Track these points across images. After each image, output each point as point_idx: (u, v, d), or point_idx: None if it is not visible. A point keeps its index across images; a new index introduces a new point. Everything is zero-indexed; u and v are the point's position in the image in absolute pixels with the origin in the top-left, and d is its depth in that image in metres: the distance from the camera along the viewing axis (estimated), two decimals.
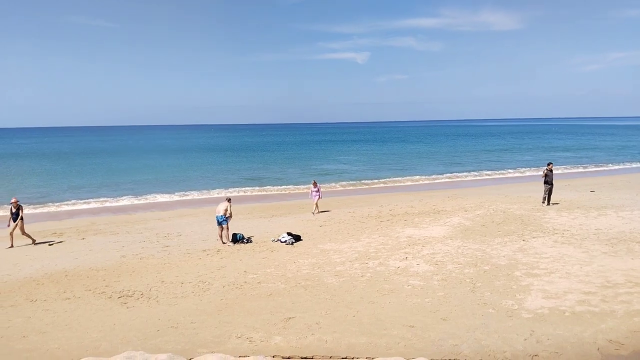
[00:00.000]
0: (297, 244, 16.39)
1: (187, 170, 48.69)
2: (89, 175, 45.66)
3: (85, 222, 22.20)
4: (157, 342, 8.92)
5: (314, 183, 23.47)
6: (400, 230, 17.65)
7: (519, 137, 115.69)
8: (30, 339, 9.35)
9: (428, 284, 11.59)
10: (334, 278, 12.32)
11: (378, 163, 54.16)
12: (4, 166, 57.62)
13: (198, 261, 14.71)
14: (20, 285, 12.74)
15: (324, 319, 9.69)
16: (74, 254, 16.06)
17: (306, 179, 40.30)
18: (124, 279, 12.97)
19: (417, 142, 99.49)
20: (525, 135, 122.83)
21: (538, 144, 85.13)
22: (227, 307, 10.68)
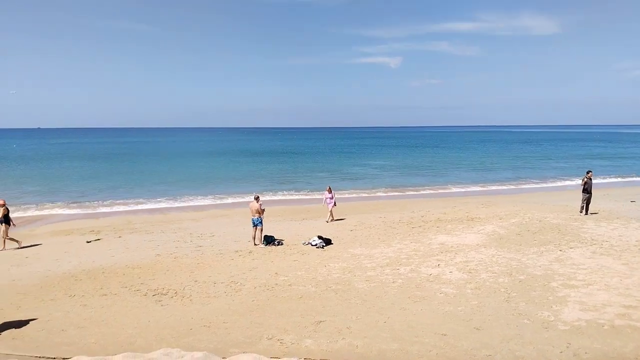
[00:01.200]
0: (327, 247, 16.40)
1: (218, 172, 49.41)
2: (125, 175, 46.88)
3: (121, 221, 22.80)
4: (190, 340, 9.08)
5: (329, 189, 22.40)
6: (433, 237, 17.44)
7: (556, 144, 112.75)
8: (69, 332, 9.66)
9: (461, 292, 11.41)
10: (365, 283, 12.27)
11: (409, 168, 53.70)
12: (46, 166, 59.79)
13: (230, 262, 14.90)
14: (60, 280, 13.18)
15: (354, 324, 9.66)
16: (110, 251, 16.53)
17: (336, 183, 40.27)
18: (159, 277, 13.25)
19: (450, 148, 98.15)
20: (563, 143, 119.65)
21: (576, 152, 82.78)
22: (258, 308, 10.77)
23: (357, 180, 42.88)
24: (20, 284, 12.84)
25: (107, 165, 58.91)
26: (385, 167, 54.85)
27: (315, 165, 57.89)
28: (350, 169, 52.75)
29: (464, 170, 51.86)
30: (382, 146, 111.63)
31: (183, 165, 58.39)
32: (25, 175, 46.86)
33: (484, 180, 42.07)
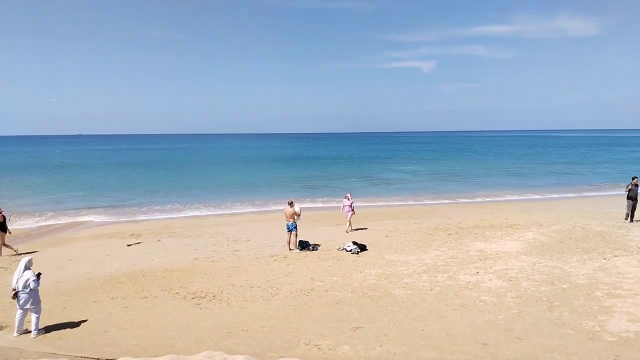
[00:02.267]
0: (362, 253, 16.32)
1: (252, 178, 49.88)
2: (162, 180, 47.93)
3: (160, 225, 23.30)
4: (229, 343, 9.18)
5: (348, 196, 20.87)
6: (470, 244, 17.13)
7: (596, 148, 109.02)
8: (111, 334, 9.93)
9: (501, 301, 11.16)
10: (402, 290, 12.15)
11: (444, 174, 52.90)
12: (87, 172, 61.83)
13: (266, 266, 15.01)
14: (102, 282, 13.56)
15: (391, 331, 9.58)
16: (150, 255, 16.91)
17: (369, 188, 40.11)
18: (197, 281, 13.48)
19: (485, 153, 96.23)
20: (603, 147, 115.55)
21: (617, 157, 79.78)
22: (295, 313, 10.81)
23: (390, 185, 42.55)
24: (64, 286, 13.27)
25: (145, 171, 60.47)
26: (418, 173, 54.25)
27: (347, 171, 57.77)
28: (383, 175, 52.40)
29: (500, 175, 50.73)
30: (415, 151, 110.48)
31: (217, 171, 59.29)
32: (67, 180, 48.55)
33: (522, 186, 41.04)
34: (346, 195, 20.92)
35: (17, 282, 10.00)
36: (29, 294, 10.02)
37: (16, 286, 9.98)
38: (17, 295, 9.95)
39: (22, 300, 9.95)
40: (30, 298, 10.03)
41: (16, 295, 9.96)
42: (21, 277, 10.02)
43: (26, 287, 10.00)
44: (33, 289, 10.09)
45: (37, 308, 10.12)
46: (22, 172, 59.82)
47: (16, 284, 9.99)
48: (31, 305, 10.02)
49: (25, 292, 9.98)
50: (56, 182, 46.57)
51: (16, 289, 9.97)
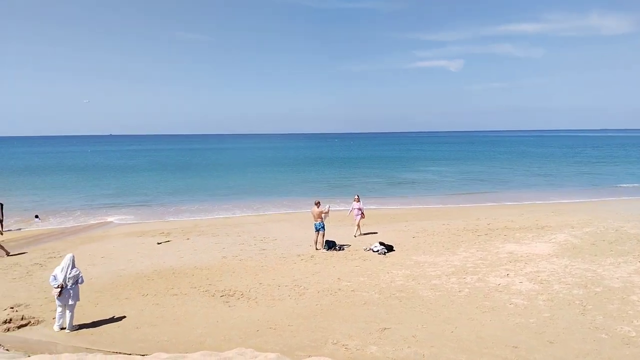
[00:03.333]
0: (389, 254, 16.24)
1: (278, 177, 50.17)
2: (191, 180, 48.64)
3: (189, 224, 23.65)
4: (257, 341, 9.26)
5: (357, 198, 19.82)
6: (500, 246, 16.85)
7: (629, 149, 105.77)
8: (142, 330, 10.13)
9: (532, 304, 10.95)
10: (430, 291, 12.04)
11: (471, 174, 52.14)
12: (118, 171, 63.23)
13: (293, 265, 15.08)
14: (134, 279, 13.85)
15: (420, 333, 9.50)
16: (179, 252, 17.18)
17: (397, 189, 39.86)
18: (225, 279, 13.64)
19: (513, 153, 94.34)
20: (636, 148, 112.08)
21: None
22: (322, 312, 10.83)
23: (417, 185, 42.19)
24: (97, 283, 13.60)
25: (174, 172, 61.50)
26: (445, 173, 53.61)
27: (372, 172, 57.48)
28: (409, 175, 51.97)
29: (530, 175, 49.74)
30: (442, 151, 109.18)
31: (243, 171, 59.86)
32: (99, 180, 49.77)
33: (553, 187, 40.17)
34: (355, 197, 19.89)
35: (66, 278, 10.20)
36: (74, 290, 10.31)
37: (66, 282, 10.18)
38: (62, 291, 10.14)
39: (68, 295, 10.20)
40: (76, 294, 10.35)
41: (61, 291, 10.13)
42: (70, 273, 10.27)
43: (75, 283, 10.30)
44: (82, 284, 10.50)
45: (75, 304, 10.40)
46: (56, 171, 61.64)
47: (65, 280, 10.19)
48: (74, 301, 10.30)
49: (72, 288, 10.27)
50: (88, 181, 47.76)
51: (64, 285, 10.15)
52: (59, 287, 10.12)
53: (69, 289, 10.23)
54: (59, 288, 10.11)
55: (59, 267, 10.37)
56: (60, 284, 10.13)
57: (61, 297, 10.14)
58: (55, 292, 10.12)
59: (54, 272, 10.35)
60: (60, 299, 10.15)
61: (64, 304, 10.21)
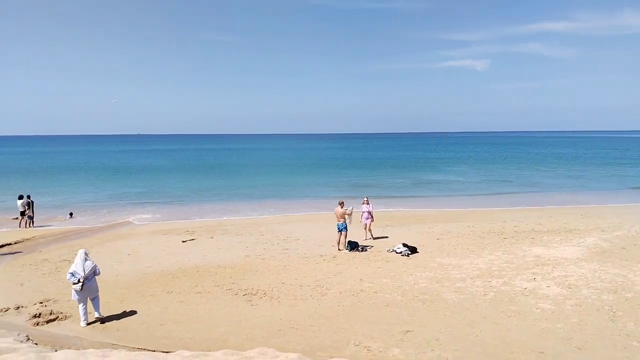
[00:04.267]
0: (413, 256, 16.08)
1: (301, 178, 50.27)
2: (214, 179, 49.21)
3: (213, 223, 23.89)
4: (279, 341, 9.28)
5: (366, 200, 19.11)
6: (527, 249, 16.51)
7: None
8: (167, 327, 10.26)
9: (560, 309, 10.69)
10: (454, 294, 11.87)
11: (498, 175, 51.29)
12: (145, 171, 64.35)
13: (315, 265, 15.07)
14: (159, 277, 14.05)
15: (443, 336, 9.37)
16: (204, 251, 17.37)
17: (421, 190, 39.50)
18: (248, 278, 13.72)
19: (542, 154, 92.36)
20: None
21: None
22: (344, 313, 10.79)
23: (442, 186, 41.72)
24: (123, 280, 13.85)
25: (199, 171, 62.36)
26: (471, 174, 52.88)
27: (396, 172, 57.07)
28: (434, 176, 51.42)
29: (558, 177, 48.68)
30: (468, 152, 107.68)
31: (267, 171, 60.23)
32: (127, 179, 50.79)
33: (582, 189, 39.22)
34: (364, 199, 19.21)
35: (84, 271, 10.44)
36: (93, 282, 10.61)
37: (85, 275, 10.44)
38: (84, 285, 10.39)
39: (88, 289, 10.52)
40: (95, 285, 10.68)
41: (83, 285, 10.37)
42: (87, 267, 10.51)
43: (93, 275, 10.61)
44: (99, 275, 10.85)
45: (98, 294, 10.78)
46: (86, 171, 63.17)
47: (85, 273, 10.44)
48: (95, 293, 10.64)
49: (91, 281, 10.57)
50: (116, 180, 48.74)
51: (84, 279, 10.40)
52: (80, 282, 10.36)
53: (89, 282, 10.53)
54: (80, 282, 10.35)
55: (74, 264, 10.58)
56: (82, 277, 10.38)
57: (82, 292, 10.41)
58: (77, 287, 10.35)
59: (70, 270, 10.56)
60: (81, 293, 10.42)
61: (85, 298, 10.48)
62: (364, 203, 19.05)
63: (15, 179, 49.15)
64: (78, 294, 10.43)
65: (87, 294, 10.54)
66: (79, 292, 10.40)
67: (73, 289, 10.45)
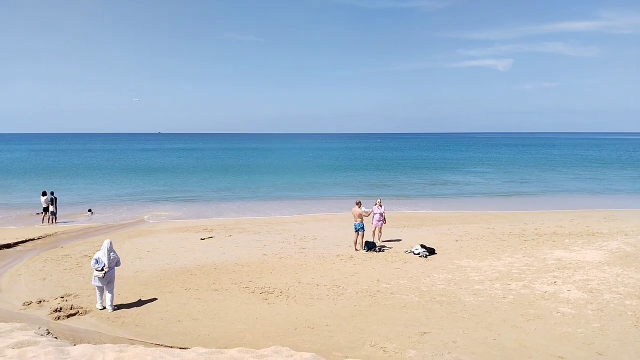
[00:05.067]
0: (431, 257, 15.95)
1: (320, 177, 50.32)
2: (233, 178, 49.57)
3: (231, 221, 24.06)
4: (295, 340, 9.28)
5: (379, 202, 18.58)
6: (548, 252, 16.23)
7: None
8: (184, 323, 10.35)
9: (581, 313, 10.48)
10: (472, 297, 11.73)
11: (519, 176, 50.55)
12: (165, 169, 65.14)
13: (332, 265, 15.05)
14: (177, 274, 14.19)
15: (461, 339, 9.26)
16: (222, 249, 17.50)
17: (440, 191, 39.17)
18: (265, 276, 13.77)
19: (564, 156, 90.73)
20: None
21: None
22: (360, 313, 10.75)
23: (461, 188, 41.31)
24: (142, 276, 14.03)
25: (219, 169, 62.95)
26: (491, 175, 52.20)
27: (415, 173, 56.70)
28: (452, 177, 50.92)
29: (581, 179, 47.79)
30: (488, 153, 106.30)
31: (286, 170, 60.39)
32: (147, 176, 51.51)
33: (605, 191, 38.44)
34: (376, 201, 18.66)
35: (109, 261, 11.12)
36: (113, 271, 11.33)
37: (109, 265, 11.11)
38: (106, 273, 11.04)
39: (109, 277, 11.15)
40: (114, 275, 11.41)
41: (105, 273, 11.02)
42: (111, 257, 11.23)
43: (114, 266, 11.35)
44: (119, 266, 11.76)
45: (114, 285, 11.41)
46: (108, 169, 64.26)
47: (109, 262, 11.11)
48: (113, 282, 11.31)
49: (112, 270, 11.30)
50: (137, 178, 49.42)
51: (107, 268, 11.06)
52: (103, 270, 11.02)
53: (110, 271, 11.20)
54: (103, 270, 11.02)
55: (100, 252, 11.24)
56: (105, 265, 11.03)
57: (104, 279, 11.03)
58: (99, 274, 11.00)
59: (95, 257, 11.23)
60: (103, 280, 11.05)
61: (103, 285, 11.12)
62: (376, 205, 18.64)
63: (39, 176, 50.27)
64: (100, 281, 11.08)
65: (107, 282, 11.13)
66: (101, 279, 11.04)
67: (95, 275, 11.10)
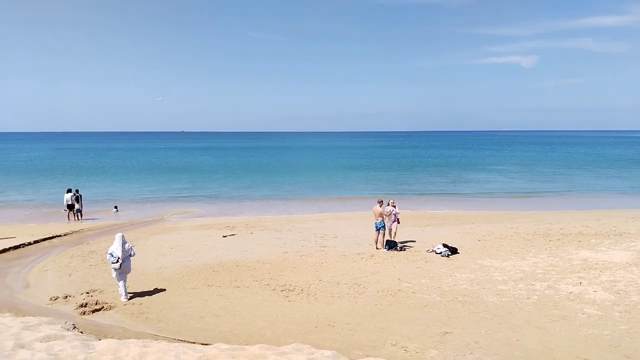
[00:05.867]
0: (453, 256, 15.77)
1: (340, 175, 50.30)
2: (254, 176, 49.93)
3: (253, 219, 24.24)
4: (316, 338, 9.30)
5: (392, 203, 18.01)
6: (574, 252, 15.90)
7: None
8: (206, 320, 10.48)
9: (607, 315, 10.25)
10: (495, 297, 11.57)
11: (544, 175, 49.65)
12: (188, 167, 65.95)
13: (353, 264, 15.03)
14: (200, 271, 14.36)
15: (483, 339, 9.15)
16: (243, 246, 17.64)
17: (460, 189, 38.75)
18: (286, 274, 13.83)
19: (590, 154, 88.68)
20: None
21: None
22: (381, 312, 10.71)
23: (485, 186, 40.78)
24: (165, 272, 14.24)
25: (241, 168, 63.44)
26: (515, 174, 51.36)
27: (437, 171, 56.19)
28: (476, 175, 50.27)
29: (608, 178, 46.72)
30: (512, 150, 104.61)
31: (307, 169, 60.55)
32: (171, 174, 52.33)
33: (633, 191, 37.47)
34: (389, 201, 18.06)
35: (123, 253, 11.76)
36: (128, 262, 11.96)
37: (125, 256, 11.77)
38: (122, 265, 11.68)
39: (125, 268, 11.79)
40: (130, 265, 12.09)
41: (121, 265, 11.65)
42: (125, 249, 11.86)
43: (129, 256, 11.98)
44: (134, 256, 12.38)
45: (127, 275, 12.03)
46: (132, 166, 65.42)
47: (124, 254, 11.75)
48: (128, 272, 11.98)
49: (128, 261, 11.93)
50: (160, 176, 50.21)
51: (122, 260, 11.68)
52: (119, 262, 11.63)
53: (126, 262, 11.84)
54: (119, 262, 11.63)
55: (115, 246, 11.85)
56: (120, 258, 11.65)
57: (120, 270, 11.67)
58: (116, 266, 11.63)
59: (110, 251, 11.86)
60: (120, 271, 11.67)
61: (123, 276, 11.80)
62: (389, 205, 18.12)
63: (66, 174, 51.52)
64: (117, 272, 11.71)
65: (124, 272, 11.80)
66: (117, 270, 11.67)
67: (112, 267, 11.77)
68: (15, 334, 7.82)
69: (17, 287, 13.05)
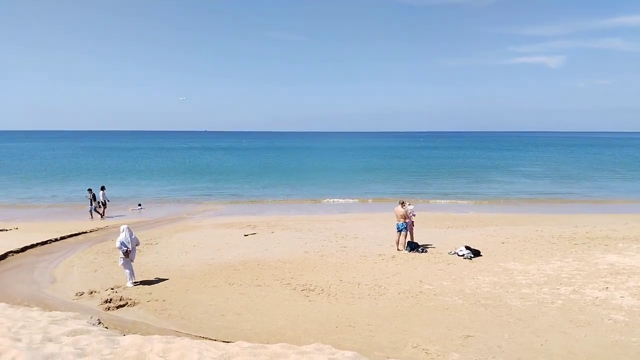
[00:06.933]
0: (475, 259, 15.59)
1: (362, 176, 50.17)
2: (275, 175, 50.20)
3: (274, 218, 24.37)
4: (336, 338, 9.30)
5: (407, 204, 17.60)
6: (600, 256, 15.55)
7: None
8: (227, 318, 10.57)
9: (635, 321, 9.99)
10: (519, 301, 11.40)
11: (571, 178, 48.57)
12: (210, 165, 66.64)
13: (374, 265, 14.98)
14: (222, 269, 14.50)
15: (506, 343, 9.02)
16: (264, 245, 17.75)
17: (487, 191, 38.22)
18: (307, 274, 13.87)
19: (619, 155, 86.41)
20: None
21: None
22: (402, 314, 10.65)
23: (509, 188, 40.14)
24: (188, 270, 14.43)
25: (264, 168, 63.85)
26: (541, 176, 50.42)
27: (460, 172, 55.54)
28: (500, 177, 49.50)
29: (635, 181, 45.48)
30: (538, 152, 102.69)
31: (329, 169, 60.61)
32: (194, 173, 53.02)
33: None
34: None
35: (131, 242, 13.10)
36: (135, 251, 13.39)
37: (132, 246, 13.15)
38: (130, 253, 13.04)
39: (132, 256, 13.16)
40: (135, 253, 13.46)
41: (129, 253, 13.01)
42: (132, 239, 13.22)
43: (135, 245, 13.43)
44: (138, 245, 13.92)
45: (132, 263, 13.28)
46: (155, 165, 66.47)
47: (131, 243, 13.10)
48: (133, 260, 13.30)
49: (134, 250, 13.34)
50: (183, 175, 50.92)
51: (129, 248, 13.01)
52: (128, 251, 12.96)
53: (133, 252, 13.25)
54: (128, 251, 12.95)
55: (123, 236, 13.03)
56: (128, 248, 12.97)
57: (128, 258, 12.97)
58: (127, 256, 12.95)
59: (120, 240, 12.99)
60: (127, 260, 12.95)
61: (129, 264, 13.01)
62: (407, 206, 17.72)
63: (91, 172, 52.59)
64: (124, 261, 12.94)
65: (131, 260, 13.07)
66: (125, 259, 12.92)
67: (120, 257, 13.00)
68: (43, 327, 8.02)
69: (45, 282, 13.40)
